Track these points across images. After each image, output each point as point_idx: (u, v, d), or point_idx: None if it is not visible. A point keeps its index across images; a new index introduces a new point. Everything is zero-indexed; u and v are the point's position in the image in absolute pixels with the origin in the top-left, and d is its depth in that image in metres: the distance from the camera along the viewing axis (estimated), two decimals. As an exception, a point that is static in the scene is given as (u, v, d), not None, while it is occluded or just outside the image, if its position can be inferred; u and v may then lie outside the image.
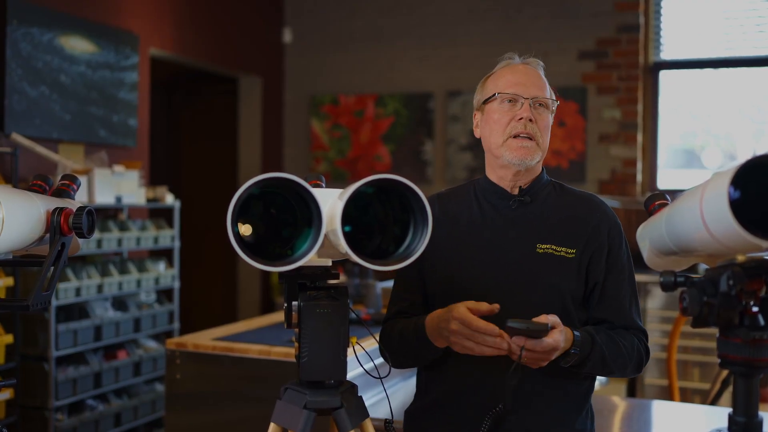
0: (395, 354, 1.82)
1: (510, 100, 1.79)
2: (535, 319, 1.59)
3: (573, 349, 1.63)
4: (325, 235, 1.39)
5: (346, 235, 1.33)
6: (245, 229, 1.46)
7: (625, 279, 1.80)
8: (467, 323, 1.60)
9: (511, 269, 1.76)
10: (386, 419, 1.69)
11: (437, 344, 1.71)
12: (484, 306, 1.62)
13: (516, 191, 1.82)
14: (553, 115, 1.84)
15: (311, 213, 1.37)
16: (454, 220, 1.85)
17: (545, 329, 1.57)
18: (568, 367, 1.67)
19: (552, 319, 1.60)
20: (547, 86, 1.83)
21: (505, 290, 1.75)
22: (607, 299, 1.78)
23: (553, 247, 1.76)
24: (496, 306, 1.62)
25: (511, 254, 1.77)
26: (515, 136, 1.77)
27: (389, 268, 1.37)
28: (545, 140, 1.80)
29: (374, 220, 1.47)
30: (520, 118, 1.76)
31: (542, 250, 1.76)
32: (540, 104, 1.78)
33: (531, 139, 1.77)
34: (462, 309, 1.62)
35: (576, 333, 1.65)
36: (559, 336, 1.59)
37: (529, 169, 1.80)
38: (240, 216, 1.40)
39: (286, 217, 1.46)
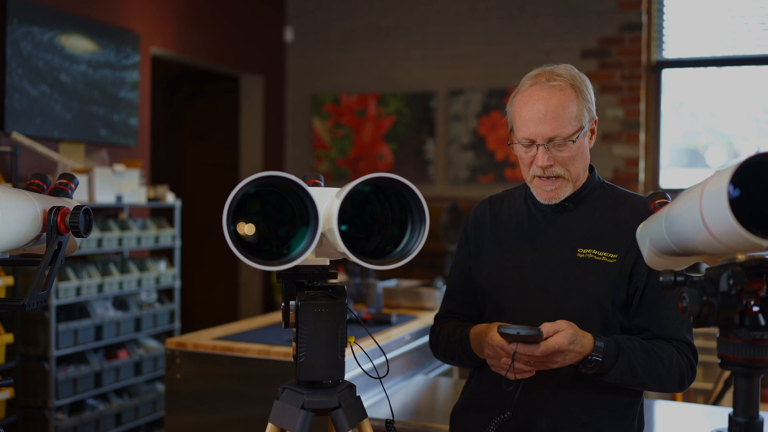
0: (442, 354, 1.90)
1: (528, 143, 1.74)
2: (541, 326, 1.58)
3: (593, 356, 1.61)
4: (323, 235, 1.38)
5: (342, 234, 1.32)
6: (248, 228, 1.45)
7: None
8: (497, 348, 1.62)
9: (550, 274, 1.75)
10: (387, 419, 1.69)
11: (481, 356, 1.75)
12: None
13: None
14: (586, 132, 1.76)
15: (308, 212, 1.36)
16: (503, 224, 1.87)
17: (537, 335, 1.55)
18: (592, 374, 1.65)
19: (555, 327, 1.58)
20: (571, 107, 1.72)
21: (544, 295, 1.75)
22: (646, 307, 1.73)
23: (594, 251, 1.74)
24: (509, 354, 1.61)
25: (552, 259, 1.76)
26: (541, 177, 1.75)
27: (386, 268, 1.36)
28: (573, 170, 1.74)
29: (373, 220, 1.46)
30: (539, 165, 1.73)
31: (583, 255, 1.74)
32: (558, 144, 1.71)
33: (557, 178, 1.74)
34: (496, 337, 1.62)
35: (598, 341, 1.62)
36: (562, 339, 1.56)
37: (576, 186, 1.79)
38: (237, 215, 1.39)
39: (284, 216, 1.45)
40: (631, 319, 1.75)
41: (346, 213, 1.36)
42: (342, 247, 1.30)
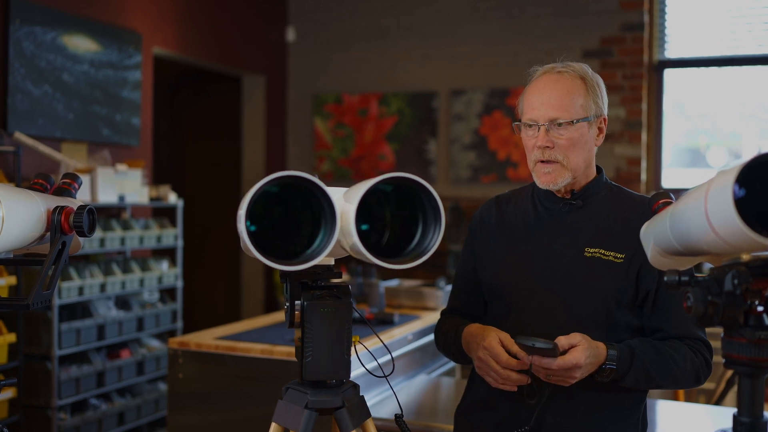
0: (442, 348, 1.94)
1: (530, 125, 1.77)
2: (556, 340, 1.59)
3: (607, 365, 1.63)
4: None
5: (361, 233, 1.33)
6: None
7: None
8: (494, 356, 1.63)
9: (557, 273, 1.76)
10: (396, 414, 1.70)
11: (469, 355, 1.77)
12: (513, 348, 1.63)
13: (568, 195, 1.82)
14: (593, 121, 1.78)
15: (324, 212, 1.36)
16: (509, 224, 1.87)
17: (551, 348, 1.56)
18: (608, 382, 1.66)
19: (569, 341, 1.59)
20: (578, 96, 1.76)
21: (551, 294, 1.75)
22: (659, 309, 1.74)
23: (601, 251, 1.74)
24: (525, 365, 1.62)
25: (559, 258, 1.77)
26: (541, 161, 1.76)
27: (402, 267, 1.37)
28: (572, 158, 1.75)
29: (377, 219, 1.46)
30: (538, 146, 1.75)
31: (590, 254, 1.75)
32: (559, 125, 1.74)
33: (554, 162, 1.75)
34: (493, 340, 1.64)
35: (611, 350, 1.63)
36: (580, 354, 1.58)
37: (575, 178, 1.79)
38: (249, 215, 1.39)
39: (295, 215, 1.45)
40: (645, 321, 1.76)
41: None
42: (359, 246, 1.31)
